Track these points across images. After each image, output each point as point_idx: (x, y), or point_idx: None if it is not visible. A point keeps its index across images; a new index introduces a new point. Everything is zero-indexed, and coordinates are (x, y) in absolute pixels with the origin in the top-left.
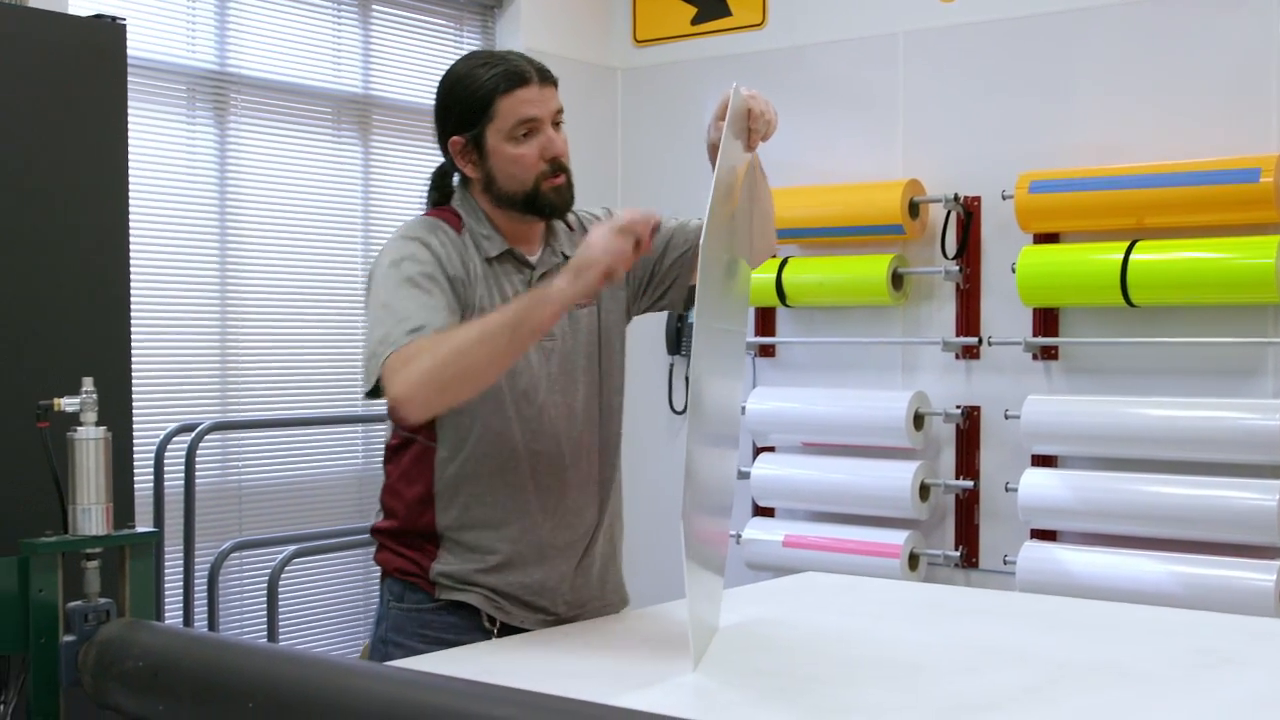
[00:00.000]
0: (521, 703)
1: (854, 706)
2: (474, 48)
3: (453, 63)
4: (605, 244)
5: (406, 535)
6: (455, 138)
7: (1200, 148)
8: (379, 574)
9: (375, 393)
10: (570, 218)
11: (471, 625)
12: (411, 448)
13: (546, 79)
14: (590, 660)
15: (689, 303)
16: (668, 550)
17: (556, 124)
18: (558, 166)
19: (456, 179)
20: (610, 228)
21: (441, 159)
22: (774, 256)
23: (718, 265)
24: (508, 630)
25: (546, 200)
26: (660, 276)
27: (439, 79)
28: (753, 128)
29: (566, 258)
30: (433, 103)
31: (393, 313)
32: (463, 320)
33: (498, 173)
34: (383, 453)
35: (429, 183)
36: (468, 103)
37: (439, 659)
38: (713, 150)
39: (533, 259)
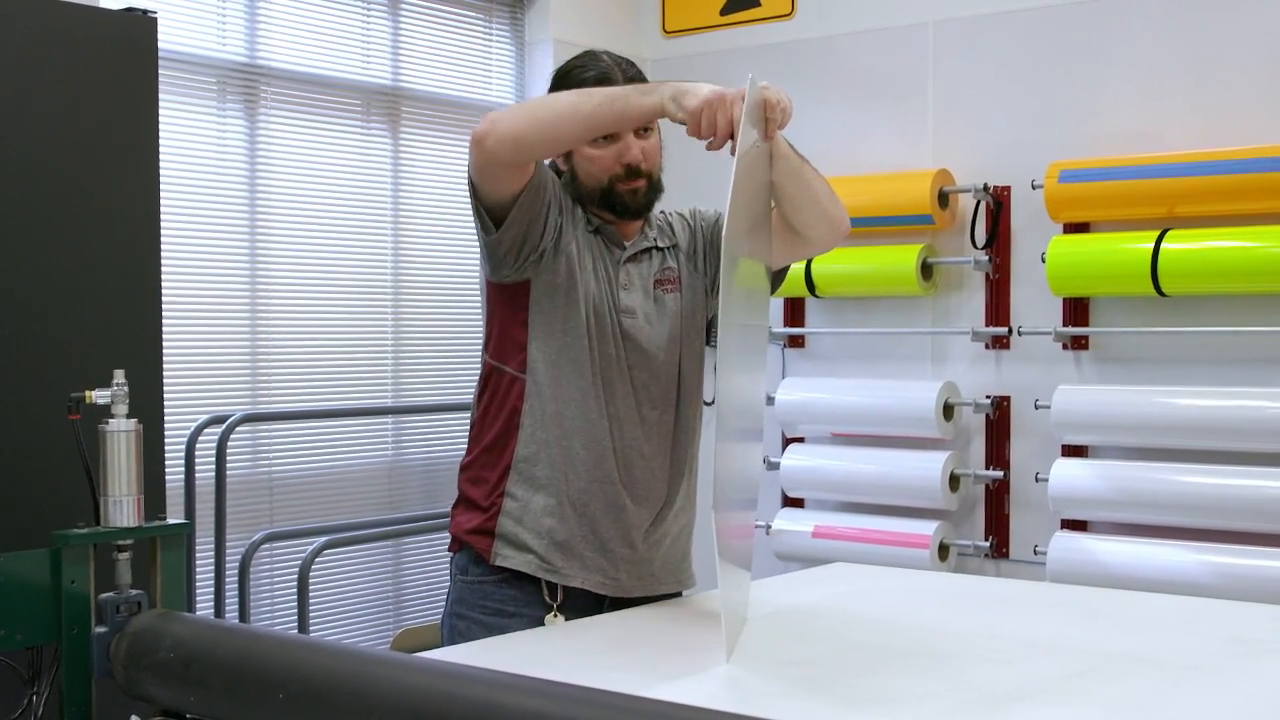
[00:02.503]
0: (550, 694)
1: (885, 697)
2: (503, 39)
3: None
4: (713, 99)
5: (485, 470)
6: None
7: (1232, 136)
8: (448, 550)
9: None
10: (659, 217)
11: (531, 598)
12: (503, 377)
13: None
14: (623, 651)
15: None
16: (700, 539)
17: (646, 130)
18: (634, 172)
19: None
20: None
21: None
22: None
23: (739, 260)
24: (569, 598)
25: (620, 201)
26: None
27: (469, 71)
28: (769, 117)
29: (659, 248)
30: (461, 95)
31: None
32: (545, 233)
33: (578, 169)
34: (459, 420)
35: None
36: None
37: (477, 648)
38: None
39: (626, 243)
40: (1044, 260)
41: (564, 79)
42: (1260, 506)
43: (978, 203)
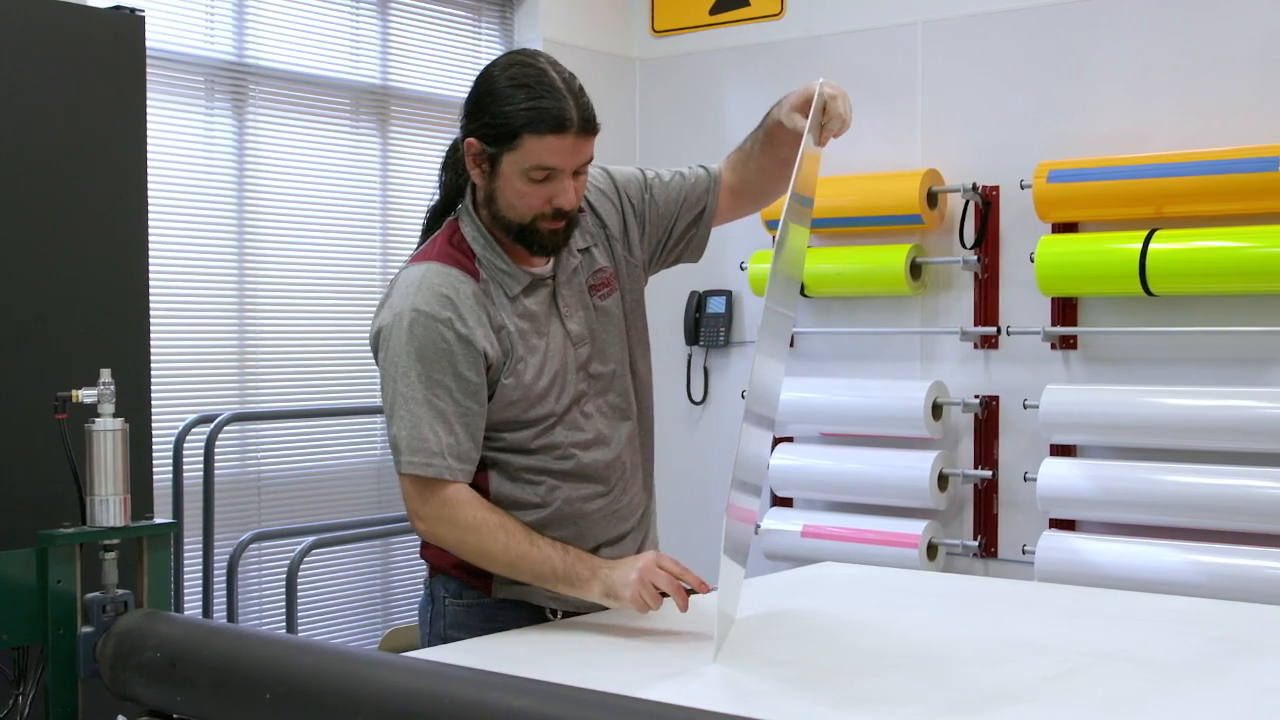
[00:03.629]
0: (538, 693)
1: (874, 697)
2: (492, 38)
3: (501, 57)
4: (636, 589)
5: None
6: (473, 140)
7: (1219, 137)
8: (425, 571)
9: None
10: None
11: (534, 616)
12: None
13: (586, 130)
14: (611, 650)
15: (700, 254)
16: (687, 540)
17: (578, 172)
18: (560, 214)
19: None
20: (647, 583)
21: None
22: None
23: (785, 250)
24: (570, 616)
25: (538, 239)
26: (676, 237)
27: (458, 70)
28: (825, 124)
29: (582, 250)
30: (450, 94)
31: (412, 420)
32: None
33: (499, 196)
34: None
35: (443, 160)
36: (497, 122)
37: (464, 647)
38: (771, 122)
39: (544, 268)
40: (1033, 260)
41: (500, 99)
42: (1248, 506)
43: (966, 202)
